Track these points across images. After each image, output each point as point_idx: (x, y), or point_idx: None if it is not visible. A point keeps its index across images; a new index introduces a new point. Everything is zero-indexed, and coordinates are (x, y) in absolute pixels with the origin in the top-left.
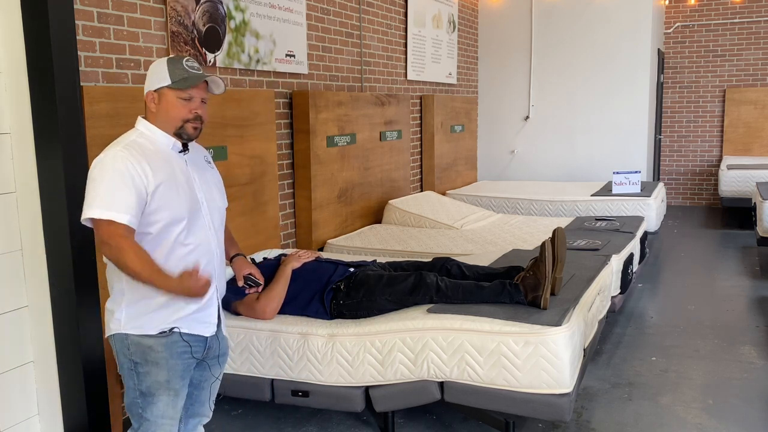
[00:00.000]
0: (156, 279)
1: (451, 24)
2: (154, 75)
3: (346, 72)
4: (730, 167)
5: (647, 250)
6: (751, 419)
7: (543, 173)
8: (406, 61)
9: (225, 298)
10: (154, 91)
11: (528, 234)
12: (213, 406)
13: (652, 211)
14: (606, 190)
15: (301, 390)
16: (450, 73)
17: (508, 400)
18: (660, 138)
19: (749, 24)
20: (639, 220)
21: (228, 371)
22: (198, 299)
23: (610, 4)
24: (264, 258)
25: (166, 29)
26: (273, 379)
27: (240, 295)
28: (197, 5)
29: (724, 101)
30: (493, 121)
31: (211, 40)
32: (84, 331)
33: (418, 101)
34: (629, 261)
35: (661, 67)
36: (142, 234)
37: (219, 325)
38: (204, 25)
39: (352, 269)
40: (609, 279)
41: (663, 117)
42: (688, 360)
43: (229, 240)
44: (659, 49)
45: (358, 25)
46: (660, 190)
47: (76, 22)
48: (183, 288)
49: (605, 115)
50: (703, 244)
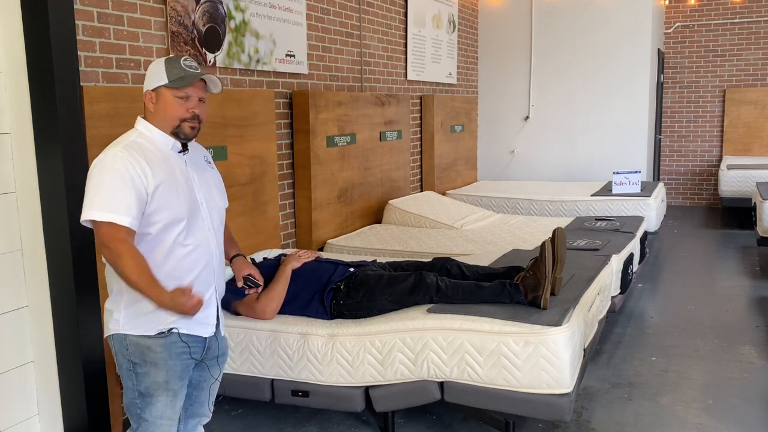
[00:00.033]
0: (150, 290)
1: (451, 24)
2: (152, 74)
3: (346, 72)
4: (730, 167)
5: (647, 250)
6: (751, 419)
7: (543, 173)
8: (406, 61)
9: (225, 298)
10: (152, 91)
11: (528, 234)
12: (212, 406)
13: (652, 211)
14: (606, 190)
15: (301, 390)
16: (450, 73)
17: (508, 400)
18: (660, 138)
19: (749, 24)
20: (639, 220)
21: (228, 371)
22: (187, 316)
23: (610, 4)
24: (264, 258)
25: (166, 29)
26: (273, 379)
27: (240, 296)
28: (197, 5)
29: (724, 101)
30: (493, 121)
31: (211, 40)
32: (84, 331)
33: (418, 101)
34: (629, 261)
35: (661, 67)
36: (141, 234)
37: (218, 326)
38: (204, 25)
39: (352, 269)
40: (609, 279)
41: (663, 117)
42: (688, 360)
43: (229, 240)
44: (659, 49)
45: (358, 25)
46: (660, 190)
47: (76, 22)
48: (174, 304)
49: (605, 115)
50: (703, 244)
